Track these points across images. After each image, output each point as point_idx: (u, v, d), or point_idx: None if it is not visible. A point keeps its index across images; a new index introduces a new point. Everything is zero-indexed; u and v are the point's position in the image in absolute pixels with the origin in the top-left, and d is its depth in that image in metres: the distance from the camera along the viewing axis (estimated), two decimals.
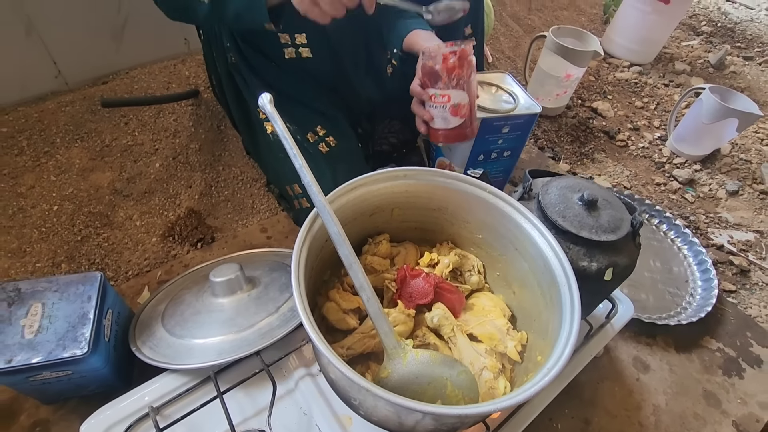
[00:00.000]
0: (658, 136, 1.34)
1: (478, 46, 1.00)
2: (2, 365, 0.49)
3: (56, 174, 0.88)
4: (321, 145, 0.79)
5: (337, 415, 0.53)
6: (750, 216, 1.12)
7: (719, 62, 1.69)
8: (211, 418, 0.50)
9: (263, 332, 0.57)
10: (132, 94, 1.04)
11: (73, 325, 0.53)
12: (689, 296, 0.85)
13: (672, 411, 0.70)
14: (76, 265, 0.78)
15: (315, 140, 0.79)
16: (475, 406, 0.36)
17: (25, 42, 0.90)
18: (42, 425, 0.58)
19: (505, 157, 0.90)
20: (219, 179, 0.97)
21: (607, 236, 0.52)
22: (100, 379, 0.56)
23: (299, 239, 0.46)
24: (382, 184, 0.55)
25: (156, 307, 0.66)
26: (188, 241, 0.84)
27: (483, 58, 1.05)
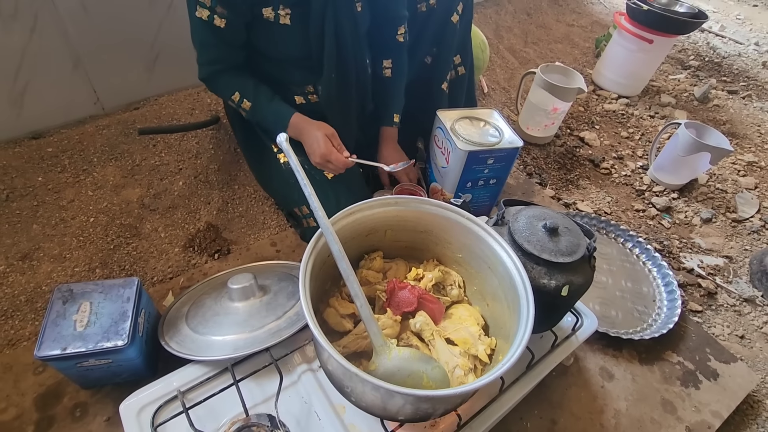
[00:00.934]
0: (640, 165, 1.44)
1: (469, 79, 1.12)
2: (58, 352, 0.59)
3: (93, 189, 1.00)
4: (326, 172, 0.90)
5: (332, 404, 0.62)
6: (721, 242, 1.21)
7: (703, 96, 1.80)
8: (227, 402, 0.60)
9: (272, 332, 0.67)
10: (160, 118, 1.16)
11: (115, 321, 0.63)
12: (655, 314, 0.94)
13: (631, 415, 0.78)
14: (109, 271, 0.89)
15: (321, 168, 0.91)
16: (440, 391, 0.45)
17: (72, 74, 1.03)
18: (81, 407, 0.68)
19: (491, 185, 1.01)
20: (234, 197, 1.08)
21: (564, 258, 0.62)
22: (132, 368, 0.66)
23: (306, 255, 0.56)
24: (376, 209, 0.66)
25: (180, 309, 0.76)
26: (207, 252, 0.95)
27: (475, 92, 1.16)
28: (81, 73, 1.04)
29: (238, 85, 0.87)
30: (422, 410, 0.52)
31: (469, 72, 1.12)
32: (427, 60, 1.03)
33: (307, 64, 0.86)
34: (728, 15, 2.65)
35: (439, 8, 0.97)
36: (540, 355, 0.71)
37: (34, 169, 0.99)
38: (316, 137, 0.85)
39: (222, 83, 0.87)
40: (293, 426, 0.60)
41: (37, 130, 1.06)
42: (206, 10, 0.76)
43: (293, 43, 0.83)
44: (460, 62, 1.09)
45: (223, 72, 0.86)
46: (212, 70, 0.86)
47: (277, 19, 0.79)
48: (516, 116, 1.50)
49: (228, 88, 0.87)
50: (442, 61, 1.03)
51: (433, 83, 1.04)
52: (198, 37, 0.81)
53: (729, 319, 1.02)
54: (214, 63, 0.85)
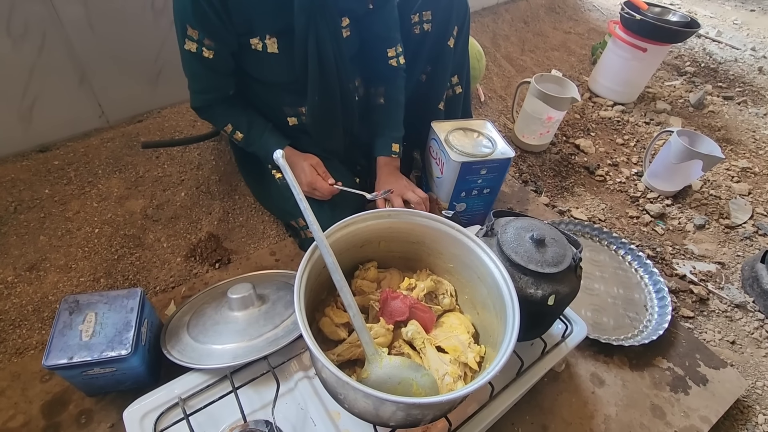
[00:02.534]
0: (634, 172, 1.46)
1: (465, 95, 1.15)
2: (65, 361, 0.62)
3: (98, 201, 1.03)
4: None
5: (328, 411, 0.65)
6: (714, 248, 1.23)
7: (698, 102, 1.82)
8: (226, 409, 0.62)
9: (270, 341, 0.69)
10: (163, 131, 1.19)
11: (119, 331, 0.66)
12: (646, 321, 0.96)
13: (621, 421, 0.80)
14: (113, 281, 0.91)
15: None
16: (428, 398, 0.48)
17: (78, 89, 1.06)
18: (86, 413, 0.71)
19: (484, 194, 1.03)
20: (235, 207, 1.11)
21: (550, 269, 0.64)
22: (136, 376, 0.69)
23: (301, 267, 0.58)
24: (369, 222, 0.68)
25: (181, 318, 0.79)
26: (208, 262, 0.97)
27: (470, 105, 1.19)
28: (86, 88, 1.08)
29: (230, 117, 0.91)
30: (413, 416, 0.55)
31: (466, 88, 1.15)
32: (422, 78, 1.06)
33: (297, 88, 0.89)
34: (725, 20, 2.67)
35: (434, 32, 0.99)
36: (530, 362, 0.73)
37: (41, 181, 1.02)
38: (302, 167, 0.91)
39: (215, 113, 0.91)
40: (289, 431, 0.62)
41: (44, 143, 1.09)
42: (194, 43, 0.79)
43: (282, 69, 0.85)
44: (457, 82, 1.12)
45: (215, 103, 0.90)
46: (204, 99, 0.89)
47: (265, 49, 0.82)
48: (512, 124, 1.52)
49: (221, 119, 0.91)
50: (438, 81, 1.05)
51: (429, 103, 1.07)
52: (188, 68, 0.85)
53: (720, 324, 1.03)
54: (206, 92, 0.88)
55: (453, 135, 0.99)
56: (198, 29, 0.77)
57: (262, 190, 1.07)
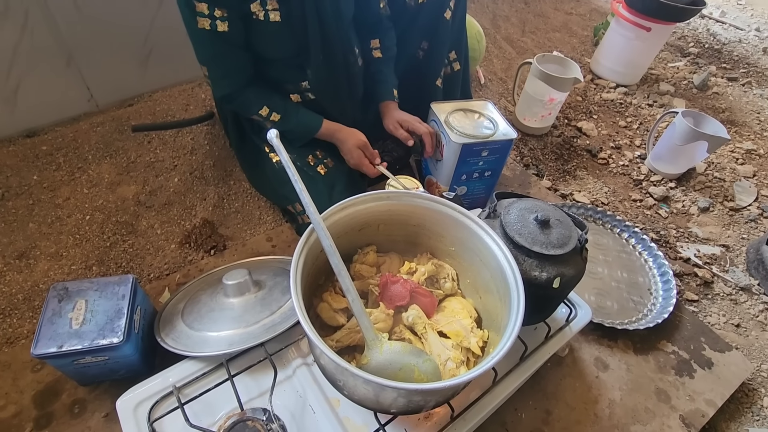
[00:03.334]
0: (638, 154, 1.43)
1: (464, 74, 1.11)
2: (55, 350, 0.60)
3: (88, 187, 1.00)
4: (320, 167, 0.90)
5: (327, 398, 0.63)
6: (718, 231, 1.21)
7: (702, 83, 1.78)
8: (223, 397, 0.60)
9: (267, 327, 0.67)
10: (155, 115, 1.16)
11: (110, 318, 0.64)
12: (651, 304, 0.95)
13: (625, 405, 0.79)
14: (105, 268, 0.89)
15: (315, 162, 0.90)
16: (429, 384, 0.46)
17: (65, 71, 1.02)
18: (80, 403, 0.69)
19: (486, 177, 1.01)
20: (230, 193, 1.08)
21: (555, 251, 0.62)
22: (129, 364, 0.67)
23: (297, 251, 0.56)
24: (368, 204, 0.66)
25: (176, 305, 0.77)
26: (203, 248, 0.95)
27: (470, 85, 1.16)
28: (74, 70, 1.04)
29: (264, 100, 0.88)
30: (414, 403, 0.53)
31: (464, 67, 1.12)
32: (419, 54, 1.02)
33: (299, 62, 0.86)
34: (729, 0, 2.61)
35: (429, 3, 0.96)
36: (533, 346, 0.71)
37: (29, 167, 0.99)
38: (349, 149, 0.92)
39: (247, 99, 0.88)
40: (288, 419, 0.61)
41: (31, 128, 1.06)
42: (206, 19, 0.75)
43: (286, 40, 0.82)
44: (455, 58, 1.08)
45: (242, 86, 0.87)
46: (230, 85, 0.85)
47: (267, 18, 0.78)
48: (513, 107, 1.49)
49: (255, 103, 0.88)
50: (435, 57, 1.02)
51: (426, 79, 1.04)
52: (206, 52, 0.81)
53: (725, 308, 1.02)
54: (230, 75, 0.85)
55: (453, 116, 0.96)
56: (206, 1, 0.74)
57: (258, 174, 1.04)
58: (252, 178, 1.08)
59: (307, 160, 0.92)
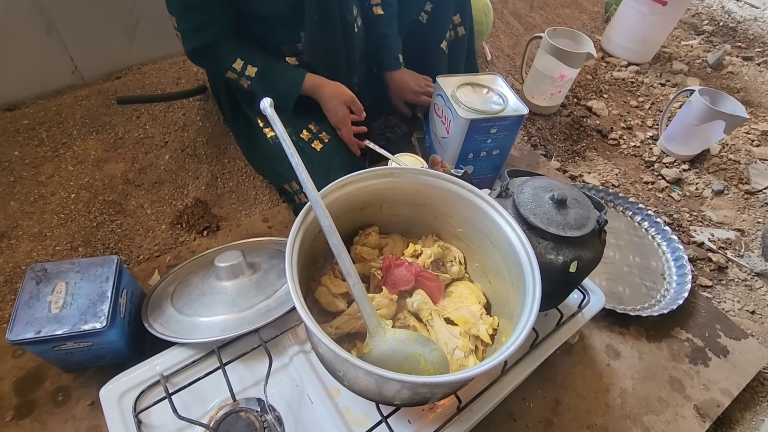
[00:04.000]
0: (650, 135, 1.37)
1: (469, 43, 1.05)
2: (32, 335, 0.55)
3: (73, 164, 0.95)
4: (315, 143, 0.84)
5: (326, 387, 0.59)
6: (733, 215, 1.16)
7: (717, 62, 1.71)
8: (214, 386, 0.56)
9: (262, 313, 0.63)
10: (143, 88, 1.10)
11: (93, 302, 0.59)
12: (664, 290, 0.91)
13: (638, 394, 0.75)
14: (92, 249, 0.84)
15: (309, 138, 0.84)
16: (437, 377, 0.42)
17: (45, 40, 0.96)
18: (64, 391, 0.65)
19: (494, 156, 0.95)
20: (224, 171, 1.03)
21: (573, 232, 0.58)
22: (115, 350, 0.63)
23: (293, 231, 0.51)
24: (370, 181, 0.61)
25: (166, 288, 0.73)
26: (195, 229, 0.90)
27: (476, 58, 1.09)
28: (55, 39, 0.97)
29: (238, 51, 0.79)
30: (420, 395, 0.49)
31: (470, 34, 1.05)
32: (422, 18, 0.96)
33: (294, 20, 0.79)
34: None
35: None
36: (544, 333, 0.67)
37: (9, 142, 0.94)
38: (334, 107, 0.84)
39: (219, 53, 0.80)
40: (284, 410, 0.57)
41: (11, 101, 1.00)
42: None
43: None
44: (459, 22, 1.01)
45: (216, 41, 0.78)
46: (202, 38, 0.77)
47: None
48: (520, 85, 1.42)
49: (227, 57, 0.79)
50: (440, 20, 0.95)
51: (430, 43, 0.98)
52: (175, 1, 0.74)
53: (740, 294, 0.98)
54: (203, 28, 0.77)
55: (461, 90, 0.90)
56: None
57: (253, 151, 0.98)
58: (247, 155, 1.02)
59: (302, 135, 0.86)
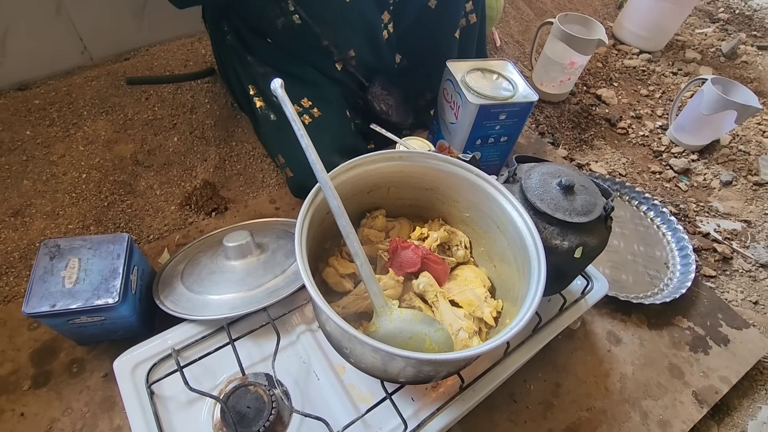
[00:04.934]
0: (659, 125, 1.36)
1: (480, 29, 1.04)
2: (47, 309, 0.57)
3: (84, 144, 0.96)
4: (304, 117, 0.83)
5: (332, 364, 0.61)
6: (740, 206, 1.16)
7: (731, 51, 1.68)
8: (223, 361, 0.58)
9: (270, 291, 0.64)
10: (152, 70, 1.10)
11: (105, 278, 0.61)
12: (667, 279, 0.91)
13: (637, 379, 0.77)
14: (104, 228, 0.86)
15: (299, 112, 0.83)
16: (443, 355, 0.43)
17: (54, 20, 0.96)
18: (78, 363, 0.67)
19: (501, 142, 0.95)
20: (232, 154, 1.03)
21: (579, 218, 0.58)
22: (127, 325, 0.65)
23: (302, 211, 0.52)
24: (379, 164, 0.61)
25: (175, 267, 0.74)
26: (203, 210, 0.91)
27: (485, 44, 1.08)
28: (64, 19, 0.97)
29: None
30: (424, 372, 0.50)
31: (481, 21, 1.03)
32: (431, 4, 0.94)
33: None
34: None
35: None
36: (547, 318, 0.68)
37: (22, 122, 0.95)
38: None
39: None
40: (291, 385, 0.59)
41: (22, 81, 1.01)
42: None
43: None
44: (471, 9, 1.00)
45: None
46: None
47: None
48: (530, 71, 1.41)
49: None
50: (453, 7, 0.93)
51: (441, 31, 0.95)
52: None
53: (743, 284, 0.98)
54: None
55: (470, 76, 0.90)
56: None
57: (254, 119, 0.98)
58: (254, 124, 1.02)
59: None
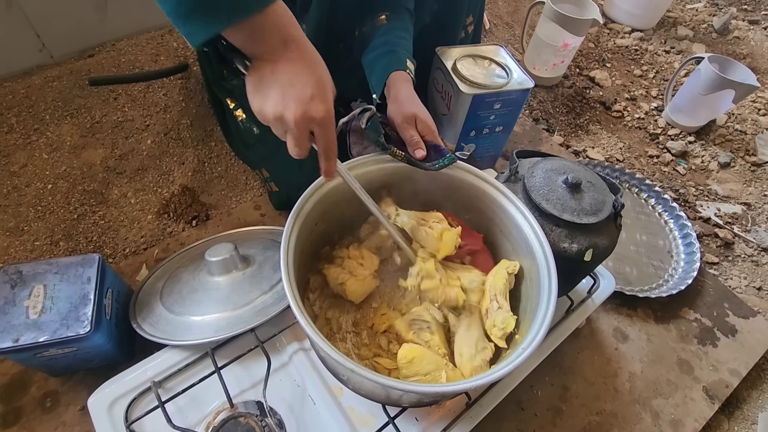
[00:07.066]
0: (654, 106, 1.32)
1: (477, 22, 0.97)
2: (10, 344, 0.51)
3: (48, 152, 0.88)
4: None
5: (328, 386, 0.56)
6: (739, 188, 1.13)
7: (723, 27, 1.64)
8: (210, 391, 0.53)
9: (258, 310, 0.60)
10: (119, 67, 1.02)
11: (75, 306, 0.55)
12: (672, 269, 0.88)
13: (646, 378, 0.74)
14: (74, 243, 0.80)
15: None
16: (451, 384, 0.39)
17: (5, 14, 0.87)
18: (52, 396, 0.62)
19: (497, 133, 0.90)
20: (212, 155, 0.97)
21: (588, 219, 0.54)
22: (103, 354, 0.59)
23: (288, 224, 0.47)
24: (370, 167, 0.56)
25: (154, 284, 0.68)
26: (183, 219, 0.85)
27: (480, 30, 1.02)
28: (17, 13, 0.89)
29: None
30: (429, 397, 0.46)
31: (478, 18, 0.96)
32: (426, 19, 0.84)
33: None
34: None
35: None
36: (554, 322, 0.64)
37: None
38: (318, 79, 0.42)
39: None
40: (285, 412, 0.54)
41: None
42: None
43: None
44: (471, 22, 0.93)
45: None
46: None
47: None
48: (521, 55, 1.35)
49: None
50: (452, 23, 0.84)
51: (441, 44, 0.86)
52: None
53: (746, 270, 0.96)
54: None
55: (462, 63, 0.84)
56: None
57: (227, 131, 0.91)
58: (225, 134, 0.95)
59: None
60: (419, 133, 0.59)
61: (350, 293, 0.54)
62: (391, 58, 0.67)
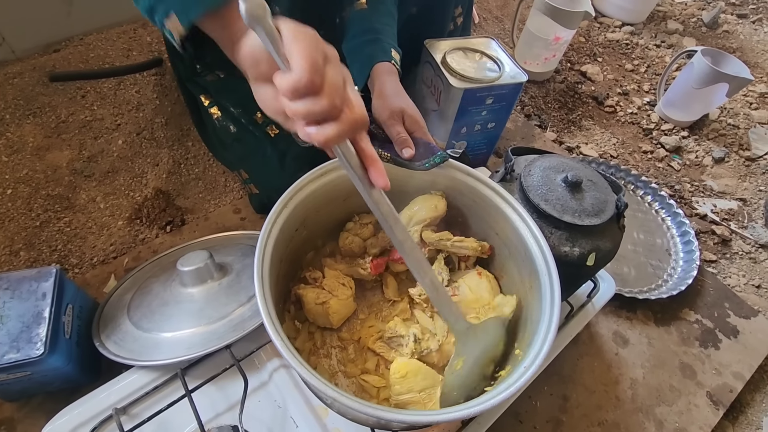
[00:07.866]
0: (647, 101, 1.30)
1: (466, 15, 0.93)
2: None
3: (8, 154, 0.82)
4: (269, 128, 0.71)
5: (312, 407, 0.52)
6: (734, 183, 1.11)
7: (712, 21, 1.63)
8: (180, 416, 0.48)
9: (234, 324, 0.55)
10: (87, 62, 0.96)
11: (27, 325, 0.49)
12: (671, 268, 0.85)
13: (649, 384, 0.71)
14: (36, 253, 0.74)
15: (263, 122, 0.71)
16: (446, 412, 0.34)
17: None
18: (6, 423, 0.56)
19: (489, 129, 0.86)
20: (188, 156, 0.91)
21: (590, 220, 0.50)
22: (63, 376, 0.54)
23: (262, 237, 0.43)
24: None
25: (122, 296, 0.63)
26: (157, 224, 0.80)
27: (470, 22, 0.98)
28: None
29: None
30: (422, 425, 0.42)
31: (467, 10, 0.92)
32: (412, 10, 0.80)
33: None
34: None
35: None
36: None
37: None
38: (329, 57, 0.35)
39: None
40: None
41: None
42: None
43: None
44: (460, 13, 0.89)
45: None
46: None
47: None
48: (511, 49, 1.32)
49: None
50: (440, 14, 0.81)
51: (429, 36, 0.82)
52: None
53: (744, 267, 0.94)
54: None
55: (452, 56, 0.80)
56: None
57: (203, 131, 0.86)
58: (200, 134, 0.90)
59: (254, 117, 0.71)
60: (407, 130, 0.55)
61: (333, 314, 0.50)
62: (375, 47, 0.63)
